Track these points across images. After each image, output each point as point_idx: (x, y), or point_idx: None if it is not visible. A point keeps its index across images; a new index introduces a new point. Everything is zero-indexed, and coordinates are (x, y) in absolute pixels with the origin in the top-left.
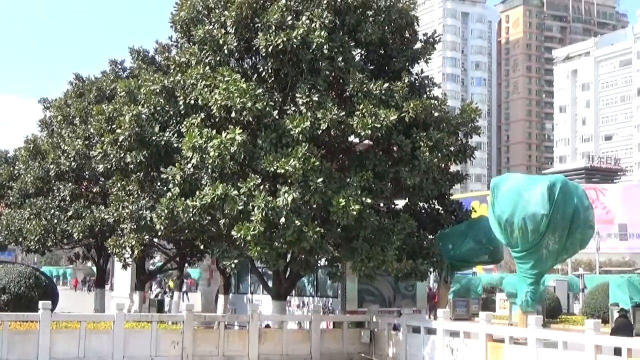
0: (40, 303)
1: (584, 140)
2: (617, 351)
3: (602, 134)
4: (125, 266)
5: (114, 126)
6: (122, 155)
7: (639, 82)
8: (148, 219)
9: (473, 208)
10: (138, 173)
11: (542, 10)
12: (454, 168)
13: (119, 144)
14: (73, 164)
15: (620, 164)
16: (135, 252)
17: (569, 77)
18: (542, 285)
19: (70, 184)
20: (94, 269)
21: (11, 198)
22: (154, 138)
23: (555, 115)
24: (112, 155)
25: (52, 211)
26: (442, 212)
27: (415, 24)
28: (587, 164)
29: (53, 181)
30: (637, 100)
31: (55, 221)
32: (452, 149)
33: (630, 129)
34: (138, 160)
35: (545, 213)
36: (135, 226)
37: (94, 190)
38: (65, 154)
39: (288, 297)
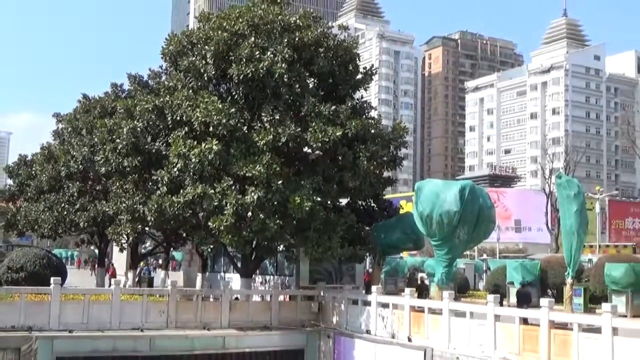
0: (52, 279)
1: (488, 153)
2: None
3: (502, 149)
4: (122, 249)
5: (114, 137)
6: (120, 160)
7: (532, 109)
8: (141, 212)
9: (401, 206)
10: (133, 175)
11: (457, 50)
12: (386, 174)
13: (117, 151)
14: (80, 166)
15: (516, 172)
16: (130, 238)
17: (477, 103)
18: (454, 267)
19: (77, 183)
20: (96, 251)
21: (29, 194)
22: (146, 147)
23: (466, 133)
24: (112, 160)
25: (63, 205)
26: (376, 209)
27: (357, 59)
28: (490, 172)
29: (63, 180)
30: (530, 122)
31: (65, 213)
32: (385, 158)
33: (524, 145)
34: (133, 165)
35: (457, 210)
36: (130, 217)
37: (97, 188)
38: (74, 159)
39: (253, 276)
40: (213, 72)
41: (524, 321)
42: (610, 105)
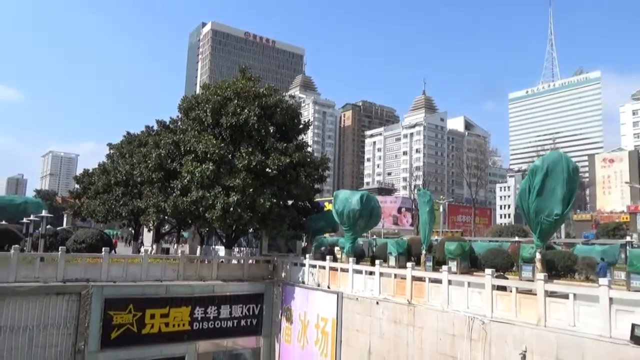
0: (103, 249)
1: (377, 175)
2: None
3: (386, 172)
4: (149, 230)
5: (146, 159)
6: (150, 174)
7: (404, 149)
8: (162, 207)
9: (325, 206)
10: (158, 183)
11: (360, 112)
12: (316, 186)
13: (148, 168)
14: (124, 177)
15: (394, 187)
16: (155, 223)
17: (372, 145)
18: (356, 243)
19: (121, 188)
20: (132, 231)
21: (89, 194)
22: (167, 166)
23: (365, 163)
24: (144, 174)
25: (111, 201)
26: (310, 207)
27: (300, 116)
28: (379, 186)
29: (112, 186)
30: (403, 157)
31: (113, 206)
32: (315, 177)
33: (399, 170)
34: (158, 177)
35: (358, 209)
36: (155, 210)
37: (134, 191)
38: (120, 172)
39: (233, 247)
40: (210, 121)
41: (396, 276)
42: (448, 148)
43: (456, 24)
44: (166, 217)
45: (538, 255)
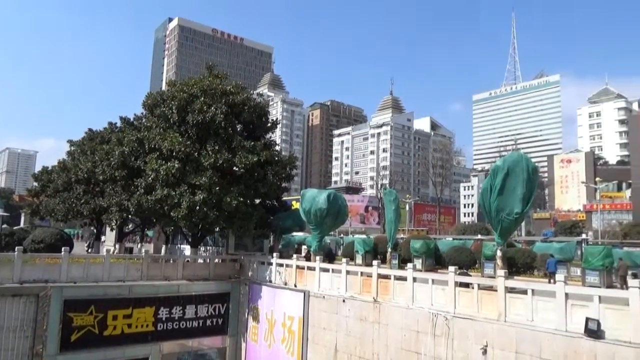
0: (63, 248)
1: (345, 174)
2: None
3: (354, 171)
4: (112, 229)
5: (109, 156)
6: (113, 172)
7: (371, 148)
8: (126, 205)
9: (293, 204)
10: (121, 181)
11: (328, 111)
12: (284, 185)
13: (111, 166)
14: (85, 175)
15: (362, 186)
16: (118, 222)
17: (340, 144)
18: (323, 242)
19: (83, 186)
20: (94, 230)
21: (48, 192)
22: (131, 164)
23: (333, 162)
24: (107, 172)
25: (72, 200)
26: (278, 206)
27: (268, 114)
28: (346, 185)
29: (73, 184)
30: (370, 156)
31: (74, 205)
32: (283, 175)
33: (366, 169)
34: (122, 175)
35: (325, 207)
36: (118, 209)
37: (96, 189)
38: (81, 170)
39: (199, 246)
40: (176, 118)
41: (363, 274)
42: (415, 147)
43: (424, 26)
44: (129, 216)
45: (499, 253)
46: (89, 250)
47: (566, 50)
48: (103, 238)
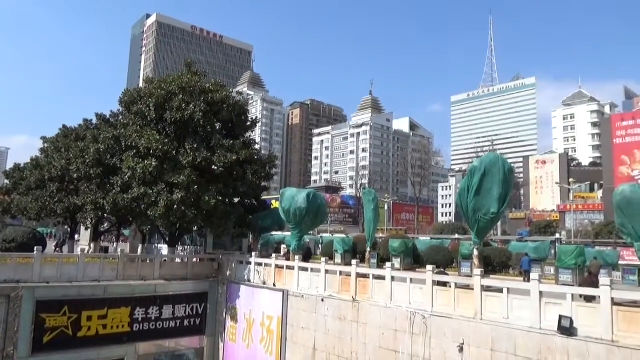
0: (35, 248)
1: (325, 173)
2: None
3: (334, 171)
4: (87, 228)
5: (84, 154)
6: (88, 169)
7: (351, 148)
8: (101, 204)
9: (272, 204)
10: (97, 179)
11: (308, 111)
12: (263, 184)
13: (86, 163)
14: (59, 172)
15: (341, 185)
16: (93, 221)
17: (320, 143)
18: (302, 241)
19: (57, 184)
20: (69, 229)
21: (20, 190)
22: (106, 161)
23: (312, 161)
24: (82, 169)
25: (45, 198)
26: (257, 205)
27: (247, 113)
28: (326, 185)
29: (46, 182)
30: (349, 156)
31: (47, 203)
32: (262, 174)
33: (346, 169)
34: (97, 173)
35: (305, 207)
36: (93, 207)
37: (71, 187)
38: (55, 167)
39: (177, 246)
40: (154, 116)
41: (342, 273)
42: (394, 148)
43: (405, 27)
44: (105, 215)
45: (475, 252)
46: (57, 250)
47: (543, 55)
48: (77, 237)
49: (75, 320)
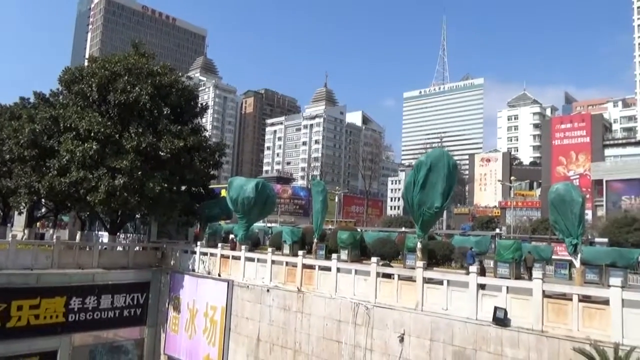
0: None
1: (277, 163)
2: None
3: (286, 161)
4: (20, 213)
5: (17, 134)
6: (22, 151)
7: (303, 139)
8: (36, 187)
9: (221, 192)
10: (31, 161)
11: (262, 100)
12: (212, 172)
13: (20, 144)
14: None
15: (293, 176)
16: (27, 205)
17: (272, 133)
18: (250, 231)
19: None
20: (1, 214)
21: None
22: (42, 143)
23: (265, 151)
24: (15, 151)
25: None
26: (205, 193)
27: (197, 98)
28: (277, 175)
29: None
30: (302, 147)
31: None
32: (211, 162)
33: (298, 160)
34: (32, 155)
35: (253, 196)
36: (27, 191)
37: (3, 169)
38: None
39: (118, 233)
40: (96, 97)
41: (288, 263)
42: (346, 141)
43: (362, 21)
44: (41, 200)
45: (419, 245)
46: None
47: (492, 57)
48: (10, 223)
49: (4, 310)
